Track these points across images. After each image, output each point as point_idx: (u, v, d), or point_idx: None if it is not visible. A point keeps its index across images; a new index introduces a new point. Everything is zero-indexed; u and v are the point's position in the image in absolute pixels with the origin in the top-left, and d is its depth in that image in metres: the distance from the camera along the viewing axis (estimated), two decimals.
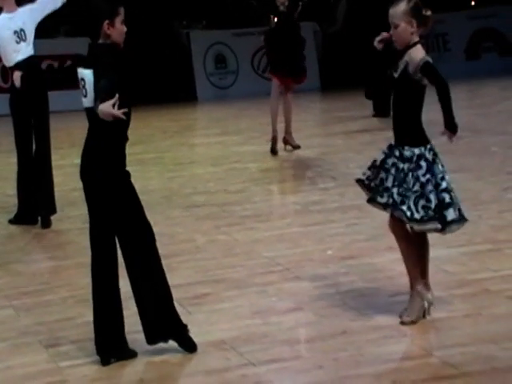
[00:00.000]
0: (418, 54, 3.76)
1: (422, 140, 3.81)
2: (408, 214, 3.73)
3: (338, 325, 3.91)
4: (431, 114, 4.35)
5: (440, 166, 3.80)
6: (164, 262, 4.89)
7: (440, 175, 3.78)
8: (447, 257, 4.65)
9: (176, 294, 4.35)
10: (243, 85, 12.86)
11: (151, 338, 3.67)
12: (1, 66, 11.87)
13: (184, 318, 4.04)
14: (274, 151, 8.04)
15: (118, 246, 3.70)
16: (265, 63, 13.16)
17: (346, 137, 8.84)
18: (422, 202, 3.73)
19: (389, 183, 3.80)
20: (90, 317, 3.90)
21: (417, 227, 3.78)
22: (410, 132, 3.81)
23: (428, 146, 3.80)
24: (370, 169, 3.94)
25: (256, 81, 12.93)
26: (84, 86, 3.47)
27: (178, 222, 5.90)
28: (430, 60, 3.76)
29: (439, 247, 4.62)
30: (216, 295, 4.37)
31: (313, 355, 3.66)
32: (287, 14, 8.22)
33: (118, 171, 3.61)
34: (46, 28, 12.57)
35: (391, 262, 4.70)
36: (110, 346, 3.61)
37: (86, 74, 3.45)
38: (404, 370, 3.44)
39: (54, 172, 7.08)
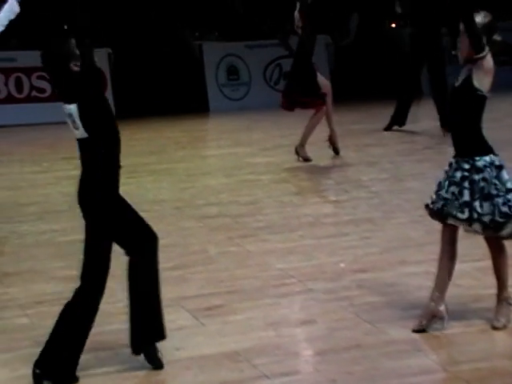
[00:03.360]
0: (486, 74, 3.77)
1: (488, 147, 3.80)
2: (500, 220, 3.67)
3: (351, 338, 3.91)
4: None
5: (506, 173, 3.78)
6: (177, 273, 4.95)
7: (510, 182, 3.77)
8: (461, 271, 4.61)
9: (189, 306, 4.37)
10: (255, 97, 12.89)
11: (134, 348, 3.68)
12: (15, 77, 12.00)
13: (197, 330, 4.06)
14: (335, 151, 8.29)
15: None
16: (277, 75, 13.23)
17: (358, 149, 8.84)
18: (503, 209, 3.71)
19: (466, 197, 3.74)
20: (104, 327, 3.92)
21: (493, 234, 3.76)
22: (475, 142, 3.78)
23: (494, 153, 3.80)
24: (436, 193, 3.89)
25: (268, 93, 12.95)
26: (74, 121, 3.65)
27: (190, 233, 5.91)
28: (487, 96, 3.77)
29: None
30: (229, 307, 4.37)
31: (326, 368, 3.65)
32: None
33: (112, 196, 3.75)
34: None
35: (404, 276, 4.69)
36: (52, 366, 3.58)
37: (70, 109, 3.65)
38: None
39: (67, 181, 7.14)
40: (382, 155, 8.42)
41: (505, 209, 3.71)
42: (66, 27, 3.94)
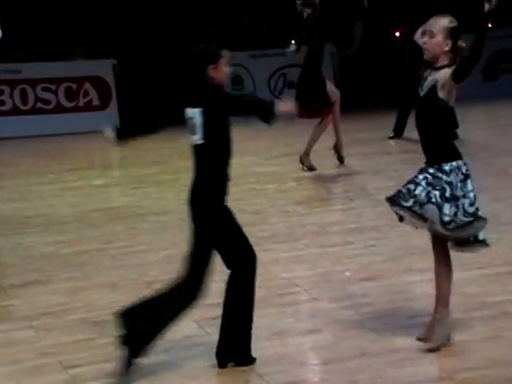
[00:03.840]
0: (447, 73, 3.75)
1: (457, 154, 3.80)
2: (446, 218, 3.68)
3: (356, 347, 3.90)
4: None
5: (471, 184, 3.78)
6: None
7: (472, 193, 3.76)
8: (466, 279, 4.62)
9: (194, 315, 4.36)
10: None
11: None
12: (20, 89, 12.05)
13: (203, 339, 4.06)
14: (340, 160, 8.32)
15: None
16: (281, 85, 13.25)
17: (363, 158, 8.85)
18: (469, 209, 3.72)
19: (417, 191, 3.76)
20: (109, 338, 3.92)
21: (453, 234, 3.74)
22: (444, 150, 3.79)
23: (463, 160, 3.80)
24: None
25: None
26: (193, 125, 3.69)
27: None
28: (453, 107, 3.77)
29: (458, 269, 4.58)
30: None
31: (332, 377, 3.65)
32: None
33: (222, 205, 3.83)
34: (63, 49, 12.80)
35: (410, 284, 4.69)
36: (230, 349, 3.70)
37: (195, 113, 3.67)
38: None
39: (72, 193, 7.15)
40: (386, 163, 8.42)
41: (471, 209, 3.71)
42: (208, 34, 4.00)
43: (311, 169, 8.22)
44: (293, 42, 9.19)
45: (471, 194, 3.76)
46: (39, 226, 6.64)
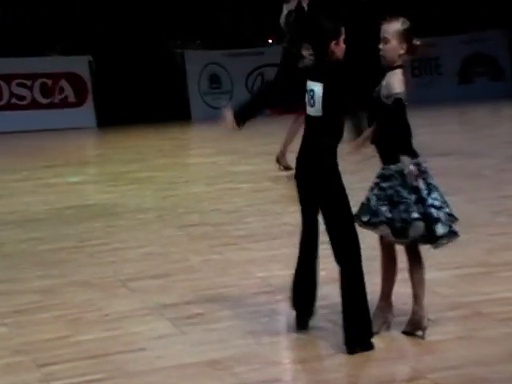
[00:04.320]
0: (395, 81, 3.78)
1: (413, 153, 3.83)
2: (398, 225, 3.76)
3: (331, 346, 3.93)
4: (425, 137, 4.39)
5: (426, 182, 3.83)
6: (158, 282, 4.95)
7: (426, 191, 3.81)
8: (439, 279, 4.67)
9: (170, 314, 4.37)
10: (237, 105, 12.94)
11: (348, 346, 3.77)
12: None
13: (178, 338, 4.06)
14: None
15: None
16: (259, 84, 13.28)
17: (339, 158, 8.87)
18: (403, 215, 3.78)
19: (373, 202, 3.86)
20: (83, 336, 3.91)
21: (401, 240, 3.81)
22: (402, 147, 3.82)
23: (414, 160, 3.82)
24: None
25: None
26: (313, 97, 3.82)
27: (171, 242, 5.92)
28: (402, 98, 3.78)
29: (432, 270, 4.63)
30: (210, 315, 4.37)
31: (306, 376, 3.67)
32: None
33: (332, 168, 3.90)
34: (39, 45, 12.70)
35: None
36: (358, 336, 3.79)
37: (315, 86, 3.80)
38: None
39: (47, 190, 7.11)
40: (363, 164, 8.46)
41: (404, 215, 3.77)
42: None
43: (287, 168, 8.24)
44: (270, 41, 9.19)
45: (421, 194, 3.79)
46: (13, 223, 6.59)
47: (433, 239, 3.83)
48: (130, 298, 4.69)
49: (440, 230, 3.81)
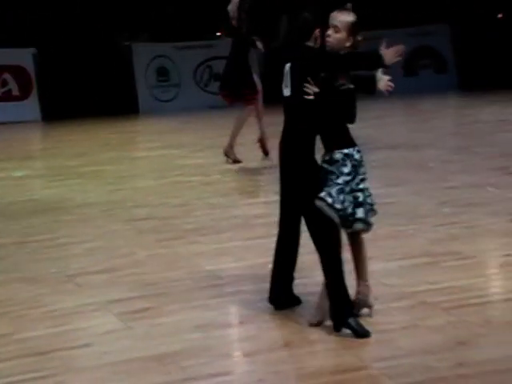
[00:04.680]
0: None
1: (350, 142, 3.94)
2: (329, 200, 3.83)
3: (279, 338, 3.94)
4: (371, 130, 4.44)
5: (363, 169, 3.94)
6: (104, 277, 4.90)
7: (361, 176, 3.93)
8: (386, 270, 4.73)
9: (116, 309, 4.33)
10: (185, 98, 12.87)
11: (334, 324, 3.88)
12: None
13: (124, 333, 4.02)
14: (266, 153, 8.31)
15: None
16: (207, 77, 13.22)
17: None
18: (345, 196, 3.85)
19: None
20: (28, 333, 3.84)
21: (334, 215, 3.87)
22: (338, 136, 3.93)
23: (356, 148, 3.93)
24: None
25: (198, 94, 12.95)
26: (287, 78, 3.93)
27: (118, 236, 5.86)
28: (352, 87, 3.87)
29: (378, 260, 4.71)
30: (157, 309, 4.34)
31: (254, 369, 3.67)
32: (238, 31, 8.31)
33: (309, 156, 3.95)
34: None
35: None
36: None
37: (287, 67, 3.94)
38: (344, 381, 3.48)
39: None
40: None
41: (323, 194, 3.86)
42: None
43: (236, 161, 8.24)
44: (218, 33, 9.16)
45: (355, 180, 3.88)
46: None
47: (351, 222, 3.92)
48: (77, 293, 4.63)
49: (360, 213, 3.92)
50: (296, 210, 4.06)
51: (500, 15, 14.62)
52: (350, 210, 3.90)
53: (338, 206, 3.86)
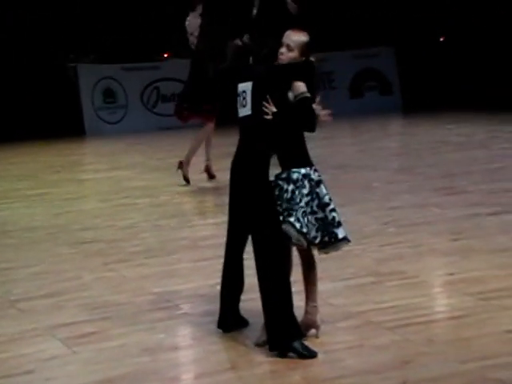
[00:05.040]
0: (299, 83, 3.91)
1: (307, 161, 3.98)
2: (297, 225, 3.85)
3: (225, 360, 3.94)
4: (318, 150, 4.49)
5: (325, 188, 3.98)
6: (49, 301, 4.82)
7: (327, 196, 3.97)
8: (333, 290, 4.77)
9: (61, 334, 4.26)
10: (133, 119, 12.82)
11: (271, 345, 3.86)
12: None
13: (69, 359, 3.96)
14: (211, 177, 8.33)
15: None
16: (154, 98, 13.19)
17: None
18: (308, 218, 3.88)
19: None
20: None
21: (304, 241, 3.90)
22: (295, 155, 3.97)
23: (313, 168, 3.98)
24: None
25: (146, 116, 12.91)
26: (245, 98, 3.93)
27: (64, 259, 5.78)
28: (308, 96, 3.92)
29: (325, 281, 4.74)
30: (103, 333, 4.30)
31: None
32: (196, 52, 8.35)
33: (264, 177, 3.93)
34: None
35: None
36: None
37: (246, 86, 3.93)
38: None
39: None
40: None
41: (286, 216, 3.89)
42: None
43: (186, 179, 8.21)
44: (165, 55, 9.17)
45: (324, 199, 3.94)
46: None
47: (333, 242, 3.97)
48: (19, 319, 4.54)
49: (341, 233, 3.97)
50: (245, 232, 4.04)
51: (442, 39, 14.99)
52: (313, 233, 3.92)
53: (305, 229, 3.89)
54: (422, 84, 14.05)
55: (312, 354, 3.84)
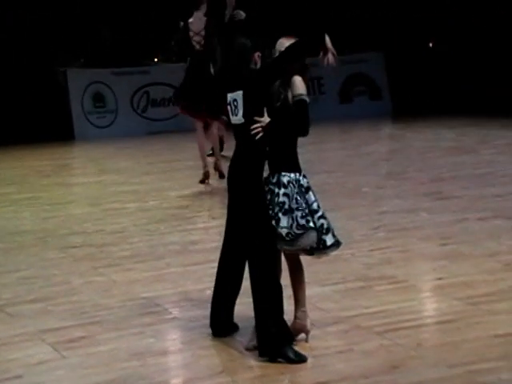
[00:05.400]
0: (298, 83, 3.93)
1: (297, 167, 4.00)
2: (285, 231, 3.87)
3: (215, 365, 3.94)
4: (308, 155, 4.50)
5: (313, 195, 3.99)
6: (38, 306, 4.81)
7: (316, 202, 3.98)
8: (322, 295, 4.78)
9: (50, 338, 4.25)
10: (122, 124, 12.79)
11: (261, 350, 3.88)
12: None
13: (58, 363, 3.95)
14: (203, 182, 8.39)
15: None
16: (144, 103, 13.18)
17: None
18: (300, 221, 3.90)
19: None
20: None
21: (290, 247, 3.91)
22: (286, 159, 3.98)
23: (303, 173, 4.01)
24: None
25: (135, 120, 12.90)
26: (236, 106, 3.94)
27: (53, 264, 5.76)
28: (306, 99, 3.93)
29: (314, 286, 4.76)
30: (92, 338, 4.29)
31: None
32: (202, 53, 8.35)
33: (258, 180, 3.97)
34: None
35: None
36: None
37: (238, 95, 3.95)
38: None
39: None
40: None
41: (302, 221, 3.91)
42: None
43: (222, 175, 8.34)
44: (155, 59, 9.17)
45: (313, 206, 3.95)
46: None
47: (321, 249, 3.98)
48: (8, 323, 4.53)
49: (330, 240, 3.99)
50: (242, 236, 4.04)
51: (431, 44, 15.06)
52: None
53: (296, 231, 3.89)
54: (412, 89, 14.10)
55: (302, 359, 3.85)
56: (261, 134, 3.89)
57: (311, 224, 3.90)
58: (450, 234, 6.11)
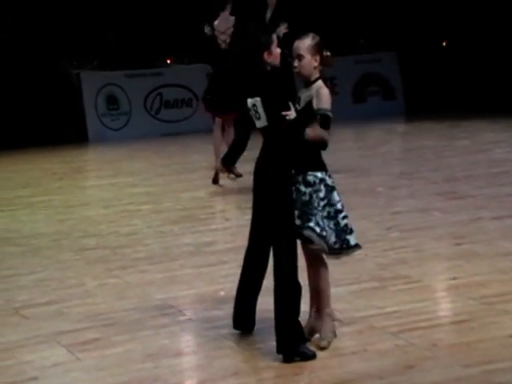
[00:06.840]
0: (324, 96, 3.96)
1: (323, 165, 4.01)
2: (317, 229, 3.88)
3: (229, 366, 3.94)
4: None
5: (337, 195, 4.00)
6: (53, 308, 4.84)
7: (340, 202, 3.99)
8: (336, 295, 4.75)
9: (65, 341, 4.27)
10: (136, 126, 12.83)
11: (279, 350, 3.87)
12: None
13: (73, 365, 3.97)
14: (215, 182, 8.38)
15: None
16: (157, 104, 13.21)
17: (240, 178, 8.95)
18: (326, 222, 3.91)
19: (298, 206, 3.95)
20: None
21: (325, 246, 3.92)
22: (312, 158, 3.99)
23: (328, 173, 4.01)
24: None
25: (149, 122, 12.93)
26: (257, 111, 3.96)
27: (67, 266, 5.79)
28: (330, 115, 3.96)
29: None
30: (106, 340, 4.30)
31: None
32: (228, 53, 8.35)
33: (284, 179, 3.97)
34: None
35: None
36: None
37: (256, 101, 3.95)
38: None
39: None
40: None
41: (324, 223, 3.92)
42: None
43: (238, 175, 8.34)
44: (168, 61, 9.17)
45: (337, 206, 3.96)
46: None
47: (345, 248, 3.99)
48: (24, 325, 4.55)
49: (353, 240, 4.01)
50: (267, 235, 4.03)
51: (444, 43, 15.00)
52: (332, 239, 3.94)
53: (324, 233, 3.91)
54: (425, 88, 14.05)
55: (315, 355, 3.87)
56: (293, 115, 3.87)
57: (310, 223, 3.88)
58: (465, 234, 6.08)
